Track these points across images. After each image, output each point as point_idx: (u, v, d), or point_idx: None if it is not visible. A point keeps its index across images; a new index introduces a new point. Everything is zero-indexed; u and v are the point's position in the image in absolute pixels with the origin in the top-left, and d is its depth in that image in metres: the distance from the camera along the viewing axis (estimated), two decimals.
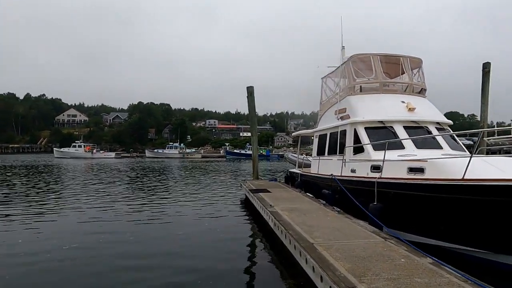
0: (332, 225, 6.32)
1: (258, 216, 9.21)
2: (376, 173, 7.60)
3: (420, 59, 9.98)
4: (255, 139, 15.20)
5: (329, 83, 11.63)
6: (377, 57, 9.59)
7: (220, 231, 8.28)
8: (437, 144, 8.14)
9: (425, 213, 5.90)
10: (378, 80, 9.45)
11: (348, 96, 9.66)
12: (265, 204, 8.59)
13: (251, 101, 14.80)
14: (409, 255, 4.64)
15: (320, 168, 10.60)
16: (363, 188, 7.42)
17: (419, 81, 9.86)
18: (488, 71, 16.39)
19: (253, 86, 14.95)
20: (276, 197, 9.75)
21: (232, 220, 9.57)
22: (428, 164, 6.27)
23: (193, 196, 14.04)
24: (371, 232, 5.81)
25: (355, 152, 8.79)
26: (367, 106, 9.06)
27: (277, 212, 7.58)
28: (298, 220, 6.69)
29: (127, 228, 8.43)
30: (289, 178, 14.08)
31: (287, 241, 5.75)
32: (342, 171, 8.92)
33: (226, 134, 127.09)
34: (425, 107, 9.16)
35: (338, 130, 9.88)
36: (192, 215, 10.26)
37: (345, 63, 10.03)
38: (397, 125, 8.49)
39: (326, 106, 11.46)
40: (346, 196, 7.80)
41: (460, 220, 5.41)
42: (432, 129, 8.67)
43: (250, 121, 15.94)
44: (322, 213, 7.43)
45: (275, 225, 6.80)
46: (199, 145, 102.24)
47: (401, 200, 6.25)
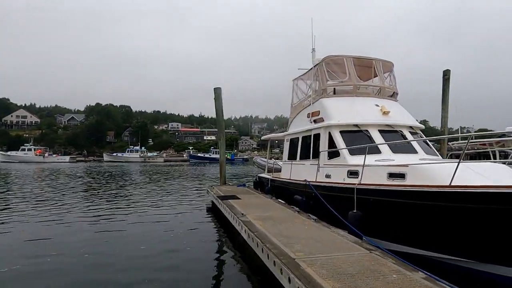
0: (312, 235, 5.85)
1: (227, 225, 8.58)
2: (353, 178, 7.29)
3: (391, 63, 9.92)
4: (222, 143, 14.53)
5: (300, 85, 11.29)
6: (350, 59, 9.37)
7: (187, 244, 7.49)
8: (412, 148, 8.01)
9: (409, 221, 5.60)
10: (352, 82, 9.23)
11: (321, 99, 9.34)
12: (236, 212, 7.99)
13: (219, 103, 14.12)
14: (399, 269, 4.26)
15: (293, 173, 10.18)
16: (340, 194, 7.05)
17: (391, 85, 9.78)
18: (448, 78, 16.96)
19: (221, 88, 14.30)
20: (247, 204, 9.17)
21: (200, 231, 8.80)
22: (410, 170, 6.02)
23: (156, 204, 13.04)
24: (353, 243, 5.41)
25: (330, 156, 8.45)
26: (342, 109, 8.79)
27: (250, 221, 7.00)
28: (274, 231, 6.16)
29: (82, 244, 7.38)
30: (258, 184, 13.56)
31: (265, 256, 5.19)
32: (317, 176, 8.53)
33: (190, 138, 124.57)
34: (398, 111, 9.06)
35: (311, 133, 9.51)
36: (156, 225, 9.38)
37: (318, 65, 9.72)
38: (372, 129, 8.27)
39: (297, 108, 11.10)
40: (322, 203, 7.41)
41: (445, 228, 5.15)
42: (406, 133, 8.56)
43: (217, 124, 15.26)
44: (299, 222, 6.96)
45: (249, 237, 6.21)
46: (161, 148, 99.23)
47: (384, 207, 5.93)
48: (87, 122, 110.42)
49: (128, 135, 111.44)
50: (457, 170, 5.17)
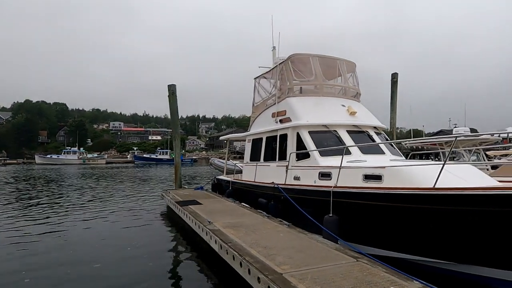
0: (291, 244, 5.45)
1: (189, 233, 7.92)
2: (325, 180, 7.05)
3: (354, 63, 9.94)
4: (177, 144, 13.62)
5: (263, 83, 10.89)
6: (316, 58, 9.19)
7: (149, 259, 6.63)
8: (380, 149, 8.02)
9: (389, 224, 5.45)
10: (318, 82, 9.04)
11: (287, 98, 9.02)
12: (201, 220, 7.33)
13: (173, 101, 13.20)
14: (394, 279, 4.01)
15: (258, 176, 9.73)
16: (314, 198, 6.76)
17: (354, 85, 9.79)
18: (396, 81, 17.82)
19: (175, 85, 13.39)
20: (211, 210, 8.53)
21: (161, 242, 7.89)
22: (386, 171, 5.89)
23: (103, 213, 11.50)
24: (336, 251, 5.11)
25: (298, 158, 8.15)
26: (309, 109, 8.55)
27: (219, 230, 6.41)
28: (250, 240, 5.65)
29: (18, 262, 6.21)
30: (217, 186, 12.90)
31: (244, 271, 4.65)
32: (286, 178, 8.18)
33: (133, 138, 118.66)
34: (363, 111, 9.07)
35: (277, 134, 9.15)
36: (108, 239, 8.21)
37: (284, 63, 9.39)
38: (340, 129, 8.14)
39: (260, 108, 10.68)
40: (293, 206, 7.06)
41: (426, 230, 5.06)
42: (372, 133, 8.57)
43: (171, 123, 14.29)
44: (272, 228, 6.53)
45: (221, 248, 5.63)
46: (102, 149, 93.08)
47: (363, 211, 5.72)
48: (14, 120, 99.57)
49: (63, 135, 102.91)
50: (432, 172, 5.12)
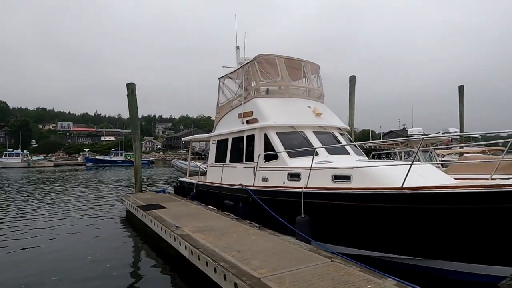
0: (264, 246, 5.38)
1: (154, 239, 7.56)
2: (294, 181, 7.09)
3: (318, 65, 10.12)
4: (138, 145, 13.01)
5: (228, 83, 10.73)
6: (282, 59, 9.23)
7: (110, 268, 6.22)
8: (345, 150, 8.22)
9: (361, 224, 5.58)
10: (284, 83, 9.08)
11: (254, 99, 8.96)
12: (168, 224, 7.03)
13: (133, 101, 12.58)
14: (370, 278, 4.09)
15: (224, 177, 9.56)
16: (285, 199, 6.76)
17: (319, 87, 9.97)
18: (353, 83, 18.58)
19: (135, 83, 12.78)
20: (177, 213, 8.23)
21: (122, 250, 7.46)
22: (355, 172, 6.03)
23: (54, 221, 10.63)
24: (310, 252, 5.12)
25: (266, 159, 8.12)
26: (276, 109, 8.56)
27: (188, 235, 6.18)
28: (222, 244, 5.50)
29: None
30: (180, 189, 12.51)
31: (219, 277, 4.51)
32: (254, 180, 8.11)
33: (84, 139, 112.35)
34: (328, 112, 9.26)
35: (243, 135, 9.06)
36: (61, 248, 7.62)
37: (250, 63, 9.32)
38: (307, 130, 8.24)
39: (225, 108, 10.52)
40: (262, 208, 7.01)
41: (395, 229, 5.25)
42: (336, 134, 8.78)
43: (131, 124, 13.63)
44: (243, 231, 6.41)
45: (192, 254, 5.42)
46: (49, 151, 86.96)
47: (335, 211, 5.80)
48: None
49: (4, 135, 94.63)
50: (398, 172, 5.33)
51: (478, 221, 4.47)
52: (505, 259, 4.58)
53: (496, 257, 4.63)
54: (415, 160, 5.12)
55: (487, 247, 4.64)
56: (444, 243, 4.92)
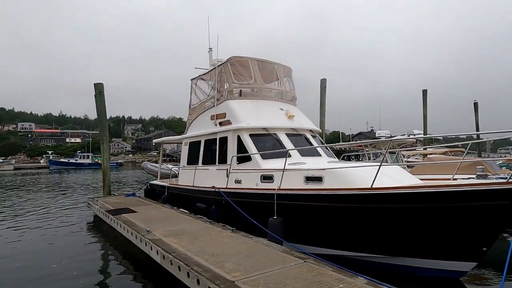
0: (238, 249, 5.37)
1: (124, 244, 7.33)
2: (267, 183, 7.13)
3: (290, 68, 10.25)
4: (106, 147, 12.56)
5: (201, 85, 10.63)
6: (255, 61, 9.27)
7: (77, 277, 5.92)
8: (317, 152, 8.37)
9: (332, 224, 5.69)
10: (257, 85, 9.12)
11: (227, 100, 8.93)
12: (138, 229, 6.85)
13: (101, 101, 12.15)
14: (341, 277, 4.19)
15: (196, 180, 9.44)
16: (258, 201, 6.77)
17: (291, 89, 10.09)
18: (324, 86, 18.97)
19: (103, 83, 12.36)
20: (147, 217, 8.03)
21: (90, 257, 7.12)
22: (326, 173, 6.16)
23: (16, 228, 9.99)
24: (283, 253, 5.17)
25: (239, 161, 8.11)
26: (249, 112, 8.57)
27: (160, 239, 6.05)
28: (195, 248, 5.43)
29: None
30: (150, 192, 12.22)
31: (193, 281, 4.44)
32: (228, 182, 8.07)
33: (48, 140, 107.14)
34: (300, 115, 9.40)
35: (216, 136, 9.00)
36: (24, 256, 7.22)
37: (223, 65, 9.28)
38: (280, 132, 8.31)
39: (198, 110, 10.40)
40: (235, 210, 7.00)
41: (365, 228, 5.41)
42: (308, 136, 8.92)
43: (99, 125, 13.14)
44: (216, 234, 6.36)
45: (164, 259, 5.31)
46: (8, 153, 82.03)
47: (307, 212, 5.89)
48: None
49: None
50: (368, 173, 5.51)
51: (442, 219, 4.69)
52: (466, 255, 4.84)
53: (458, 253, 4.88)
54: (383, 161, 5.30)
55: (450, 243, 4.88)
56: (411, 241, 5.13)
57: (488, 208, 4.37)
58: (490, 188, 4.31)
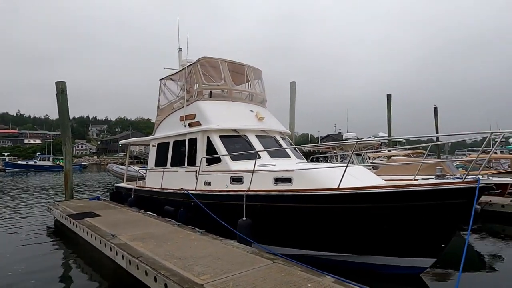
0: (207, 252, 5.31)
1: (87, 250, 7.03)
2: (237, 185, 7.13)
3: (260, 70, 10.31)
4: (68, 149, 11.99)
5: (170, 85, 10.43)
6: (225, 63, 9.24)
7: (36, 286, 5.64)
8: (286, 153, 8.47)
9: (301, 224, 5.78)
10: (227, 86, 9.10)
11: (197, 101, 8.83)
12: (103, 234, 6.60)
13: (63, 100, 11.60)
14: (310, 277, 4.26)
15: (165, 182, 9.25)
16: (228, 202, 6.75)
17: (261, 92, 10.16)
18: (294, 89, 19.24)
19: (65, 82, 11.81)
20: (112, 221, 7.76)
21: (50, 264, 6.75)
22: (295, 174, 6.25)
23: None
24: (253, 255, 5.17)
25: (209, 162, 8.04)
26: (219, 113, 8.53)
27: (126, 243, 5.86)
28: (163, 252, 5.31)
29: None
30: (116, 195, 11.81)
31: (160, 286, 4.34)
32: (197, 184, 7.97)
33: (3, 141, 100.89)
34: (270, 117, 9.47)
35: (185, 138, 8.87)
36: None
37: (193, 66, 9.17)
38: (250, 134, 8.34)
39: (166, 111, 10.21)
40: (204, 213, 6.93)
41: (333, 228, 5.54)
42: (278, 138, 9.01)
43: (61, 126, 12.49)
44: (184, 237, 6.26)
45: (130, 264, 5.15)
46: None
47: (276, 213, 5.94)
48: None
49: None
50: (335, 174, 5.66)
51: (404, 217, 4.91)
52: (425, 251, 5.09)
53: (419, 250, 5.12)
54: (349, 162, 5.46)
55: (411, 241, 5.11)
56: (375, 239, 5.32)
57: (446, 207, 4.62)
58: (447, 188, 4.56)
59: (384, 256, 5.38)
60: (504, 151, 24.11)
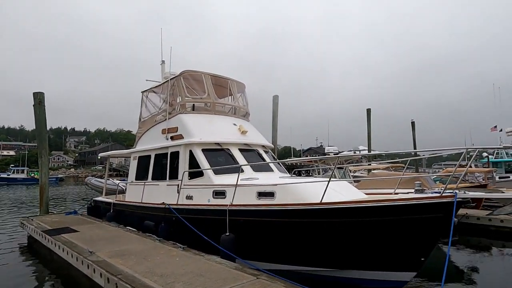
0: (189, 268, 5.20)
1: (63, 267, 6.76)
2: (219, 199, 7.06)
3: (244, 84, 10.37)
4: (45, 161, 11.59)
5: (152, 98, 10.33)
6: (208, 76, 9.25)
7: None
8: (269, 167, 8.48)
9: (284, 239, 5.75)
10: (211, 100, 9.09)
11: (179, 114, 8.77)
12: (80, 250, 6.37)
13: (41, 111, 11.27)
14: None
15: (145, 196, 9.05)
16: (210, 217, 6.66)
17: (244, 105, 10.20)
18: (277, 102, 19.44)
19: (44, 93, 11.51)
20: (90, 237, 7.51)
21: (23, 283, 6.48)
22: (278, 189, 6.25)
23: None
24: (236, 270, 5.10)
25: (191, 176, 7.94)
26: (202, 126, 8.49)
27: (104, 260, 5.67)
28: (142, 269, 5.17)
29: None
30: (94, 209, 11.45)
31: None
32: (178, 198, 7.85)
33: None
34: (253, 130, 9.49)
35: (167, 151, 8.76)
36: None
37: (176, 78, 9.14)
38: (233, 147, 8.32)
39: (148, 123, 10.07)
40: (186, 228, 6.81)
41: (315, 242, 5.54)
42: (261, 151, 9.02)
43: (37, 137, 12.10)
44: (165, 253, 6.12)
45: (109, 282, 4.98)
46: None
47: (259, 228, 5.90)
48: None
49: None
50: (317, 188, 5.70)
51: (385, 231, 4.97)
52: (406, 265, 5.15)
53: (399, 264, 5.17)
54: (332, 176, 5.51)
55: (392, 255, 5.16)
56: (357, 254, 5.34)
57: (425, 221, 4.71)
58: (426, 202, 4.67)
59: (366, 271, 5.40)
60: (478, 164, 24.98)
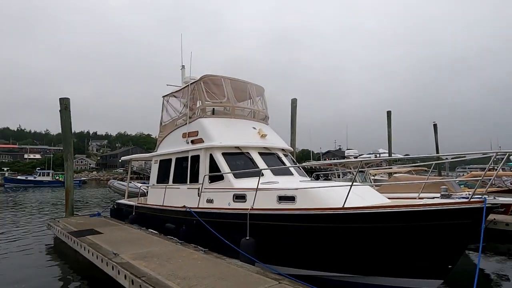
0: (211, 271, 5.22)
1: (87, 268, 6.93)
2: (240, 203, 7.08)
3: (263, 88, 10.40)
4: (70, 165, 11.98)
5: (173, 102, 10.51)
6: (228, 80, 9.33)
7: None
8: (289, 171, 8.45)
9: (306, 244, 5.71)
10: (230, 104, 9.16)
11: (200, 119, 8.88)
12: (104, 252, 6.51)
13: (66, 116, 11.66)
14: None
15: (166, 199, 9.19)
16: (230, 221, 6.69)
17: (263, 109, 10.21)
18: (295, 106, 19.37)
19: (69, 98, 11.91)
20: (114, 239, 7.67)
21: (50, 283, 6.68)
22: (299, 193, 6.21)
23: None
24: (258, 275, 5.09)
25: (211, 180, 8.01)
26: (222, 130, 8.56)
27: (128, 262, 5.78)
28: (166, 272, 5.23)
29: None
30: (117, 212, 11.71)
31: None
32: (199, 202, 7.92)
33: (4, 156, 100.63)
34: (272, 134, 9.49)
35: (188, 155, 8.87)
36: None
37: (196, 83, 9.27)
38: (253, 151, 8.34)
39: (169, 127, 10.24)
40: (207, 231, 6.86)
41: (338, 247, 5.46)
42: (281, 155, 9.01)
43: (63, 142, 12.52)
44: (187, 256, 6.18)
45: (133, 284, 5.06)
46: None
47: (280, 232, 5.88)
48: None
49: None
50: (338, 193, 5.63)
51: (410, 237, 4.85)
52: (432, 272, 5.00)
53: (425, 271, 5.03)
54: (353, 180, 5.43)
55: (418, 262, 5.03)
56: (381, 260, 5.23)
57: (453, 227, 4.57)
58: (454, 208, 4.52)
59: (391, 277, 5.28)
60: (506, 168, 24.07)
